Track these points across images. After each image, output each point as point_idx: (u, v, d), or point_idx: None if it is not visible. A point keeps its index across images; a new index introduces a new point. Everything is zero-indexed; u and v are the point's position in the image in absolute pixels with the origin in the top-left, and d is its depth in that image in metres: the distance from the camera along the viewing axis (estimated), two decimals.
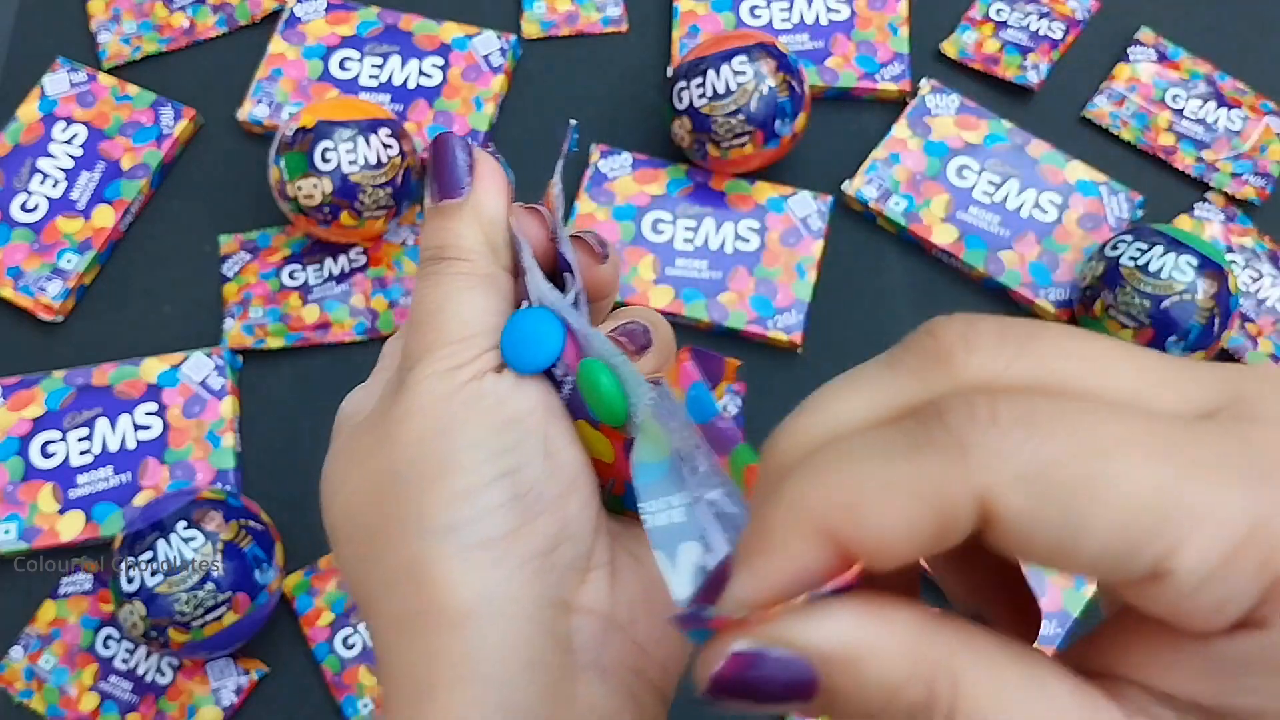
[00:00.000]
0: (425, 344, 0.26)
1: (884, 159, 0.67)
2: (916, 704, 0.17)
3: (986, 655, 0.17)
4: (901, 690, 0.17)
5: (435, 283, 0.27)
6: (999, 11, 0.72)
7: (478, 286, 0.26)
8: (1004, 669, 0.17)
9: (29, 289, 0.65)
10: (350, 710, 0.56)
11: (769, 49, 0.63)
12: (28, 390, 0.62)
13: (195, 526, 0.53)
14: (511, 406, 0.25)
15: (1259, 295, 0.64)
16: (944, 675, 0.17)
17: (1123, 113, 0.69)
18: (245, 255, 0.66)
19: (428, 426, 0.25)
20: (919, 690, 0.17)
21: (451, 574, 0.23)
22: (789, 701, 0.17)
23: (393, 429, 0.25)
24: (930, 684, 0.17)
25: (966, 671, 0.17)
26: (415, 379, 0.25)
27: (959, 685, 0.17)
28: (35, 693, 0.56)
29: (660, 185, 0.67)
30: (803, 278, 0.64)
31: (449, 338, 0.26)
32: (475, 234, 0.27)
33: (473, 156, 0.27)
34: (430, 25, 0.71)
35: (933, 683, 0.17)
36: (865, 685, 0.17)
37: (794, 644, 0.17)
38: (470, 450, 0.24)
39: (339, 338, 0.64)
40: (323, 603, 0.58)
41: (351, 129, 0.61)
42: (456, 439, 0.24)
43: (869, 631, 0.17)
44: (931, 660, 0.17)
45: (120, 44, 0.72)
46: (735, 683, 0.17)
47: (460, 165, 0.27)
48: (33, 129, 0.69)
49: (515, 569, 0.24)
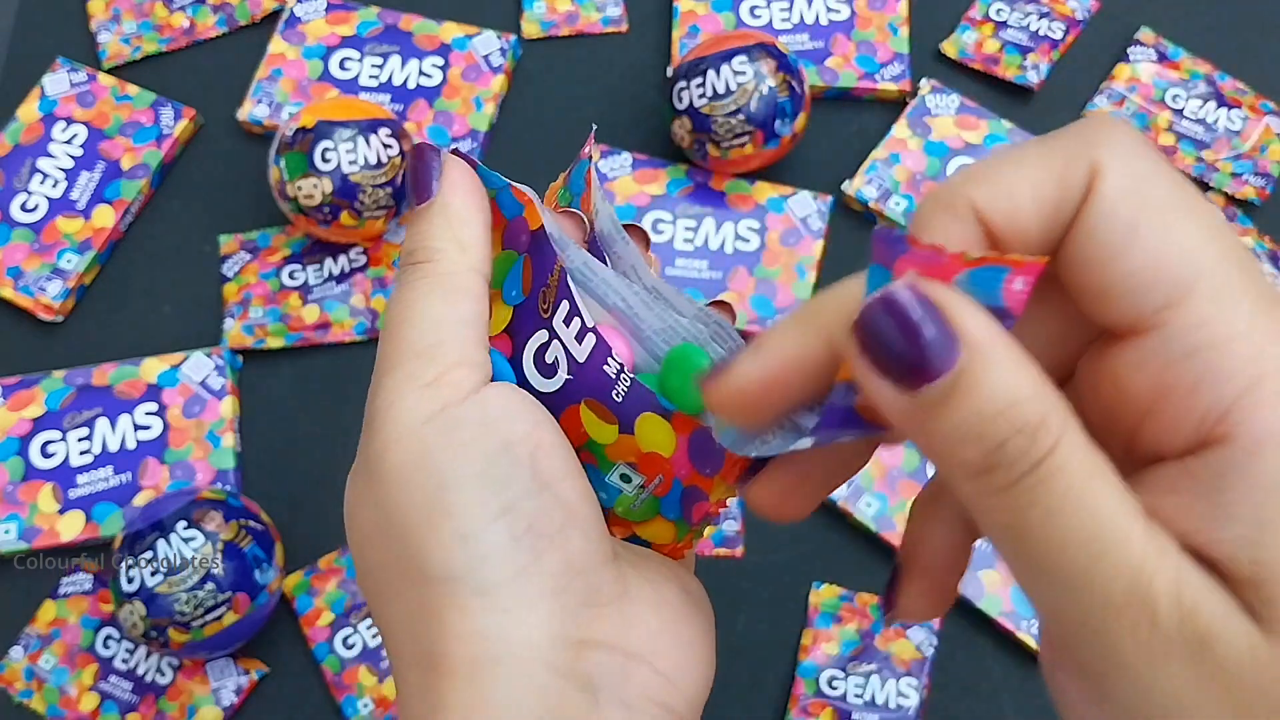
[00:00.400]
0: (391, 360, 0.25)
1: (884, 159, 0.67)
2: (1029, 424, 0.17)
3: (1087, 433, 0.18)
4: (1021, 406, 0.17)
5: (402, 289, 0.26)
6: (999, 11, 0.72)
7: (438, 287, 0.25)
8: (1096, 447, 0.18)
9: (29, 289, 0.65)
10: (350, 710, 0.56)
11: (769, 49, 0.63)
12: (28, 390, 0.62)
13: (195, 526, 0.53)
14: (495, 436, 0.24)
15: None
16: (1058, 417, 0.18)
17: (1123, 113, 0.69)
18: (245, 255, 0.66)
19: (407, 462, 0.23)
20: (1035, 413, 0.17)
21: (459, 624, 0.23)
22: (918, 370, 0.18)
23: (374, 465, 0.24)
24: (1045, 415, 0.18)
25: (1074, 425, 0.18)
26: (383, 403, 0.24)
27: (1067, 430, 0.18)
28: (35, 693, 0.56)
29: (660, 185, 0.67)
30: (803, 278, 0.64)
31: (411, 350, 0.24)
32: (443, 231, 0.26)
33: (441, 162, 0.26)
34: (430, 25, 0.71)
35: (1048, 416, 0.18)
36: (994, 385, 0.17)
37: (957, 316, 0.18)
38: (458, 490, 0.23)
39: (339, 338, 0.64)
40: (323, 603, 0.58)
41: (351, 129, 0.61)
42: (441, 477, 0.23)
43: (1016, 348, 0.18)
44: (1053, 399, 0.18)
45: (120, 44, 0.72)
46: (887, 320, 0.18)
47: (431, 170, 0.26)
48: (33, 129, 0.69)
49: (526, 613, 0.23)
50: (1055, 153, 0.19)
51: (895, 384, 0.18)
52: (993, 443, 0.17)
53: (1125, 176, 0.19)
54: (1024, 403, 0.17)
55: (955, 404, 0.18)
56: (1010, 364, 0.18)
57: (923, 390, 0.18)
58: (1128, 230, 0.18)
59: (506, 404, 0.24)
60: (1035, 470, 0.17)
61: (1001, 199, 0.19)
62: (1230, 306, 0.18)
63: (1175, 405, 0.18)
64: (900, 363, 0.18)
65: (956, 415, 0.18)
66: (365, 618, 0.58)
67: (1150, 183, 0.19)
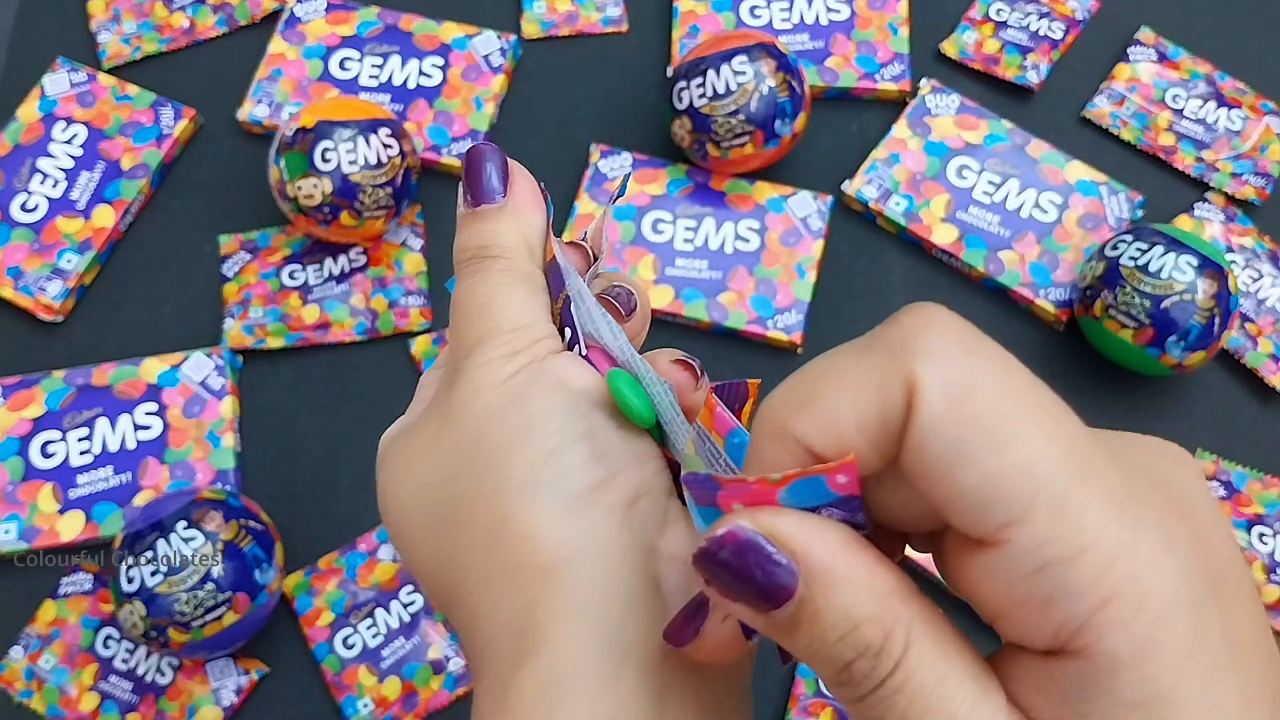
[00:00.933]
0: (478, 335, 0.26)
1: (884, 159, 0.67)
2: (870, 646, 0.18)
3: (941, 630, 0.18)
4: (861, 629, 0.18)
5: (481, 279, 0.27)
6: (999, 11, 0.72)
7: (522, 282, 0.27)
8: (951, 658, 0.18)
9: (29, 289, 0.65)
10: (350, 710, 0.56)
11: (769, 49, 0.63)
12: (28, 390, 0.62)
13: (195, 526, 0.53)
14: (577, 382, 0.26)
15: (1259, 295, 0.64)
16: (902, 631, 0.18)
17: (1123, 113, 0.69)
18: (245, 255, 0.66)
19: (496, 401, 0.25)
20: (876, 635, 0.18)
21: (542, 528, 0.24)
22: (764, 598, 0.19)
23: (458, 410, 0.26)
24: (888, 634, 0.18)
25: (922, 635, 0.18)
26: (474, 364, 0.26)
27: (911, 645, 0.18)
28: (35, 693, 0.56)
29: (660, 185, 0.67)
30: (803, 278, 0.64)
31: (502, 328, 0.26)
32: (515, 234, 0.28)
33: (507, 166, 0.28)
34: (430, 25, 0.71)
35: (891, 634, 0.18)
36: (833, 612, 0.18)
37: (789, 544, 0.18)
38: (546, 417, 0.25)
39: (339, 338, 0.64)
40: (323, 603, 0.58)
41: (351, 129, 0.61)
42: (530, 408, 0.25)
43: (854, 564, 0.18)
44: (896, 613, 0.18)
45: (120, 44, 0.72)
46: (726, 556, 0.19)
47: (496, 173, 0.28)
48: (33, 129, 0.69)
49: (602, 518, 0.24)
50: (871, 371, 0.18)
51: (748, 610, 0.19)
52: (840, 663, 0.18)
53: (941, 392, 0.17)
54: (864, 624, 0.18)
55: (802, 628, 0.18)
56: (849, 585, 0.18)
57: (771, 616, 0.19)
58: (953, 450, 0.17)
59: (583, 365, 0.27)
60: (881, 687, 0.18)
61: (822, 429, 0.19)
62: (1075, 518, 0.17)
63: (1028, 617, 0.17)
64: (746, 593, 0.19)
65: (805, 638, 0.18)
66: (365, 618, 0.58)
67: (970, 393, 0.17)
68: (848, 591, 0.18)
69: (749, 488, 0.19)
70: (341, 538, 0.60)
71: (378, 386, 0.64)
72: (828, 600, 0.18)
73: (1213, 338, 0.57)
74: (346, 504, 0.61)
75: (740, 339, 0.64)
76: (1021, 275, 0.64)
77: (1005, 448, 0.17)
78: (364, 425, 0.63)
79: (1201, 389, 0.63)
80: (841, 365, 0.19)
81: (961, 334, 0.18)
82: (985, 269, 0.64)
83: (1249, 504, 0.59)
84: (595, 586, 0.24)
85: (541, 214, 0.29)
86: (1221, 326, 0.57)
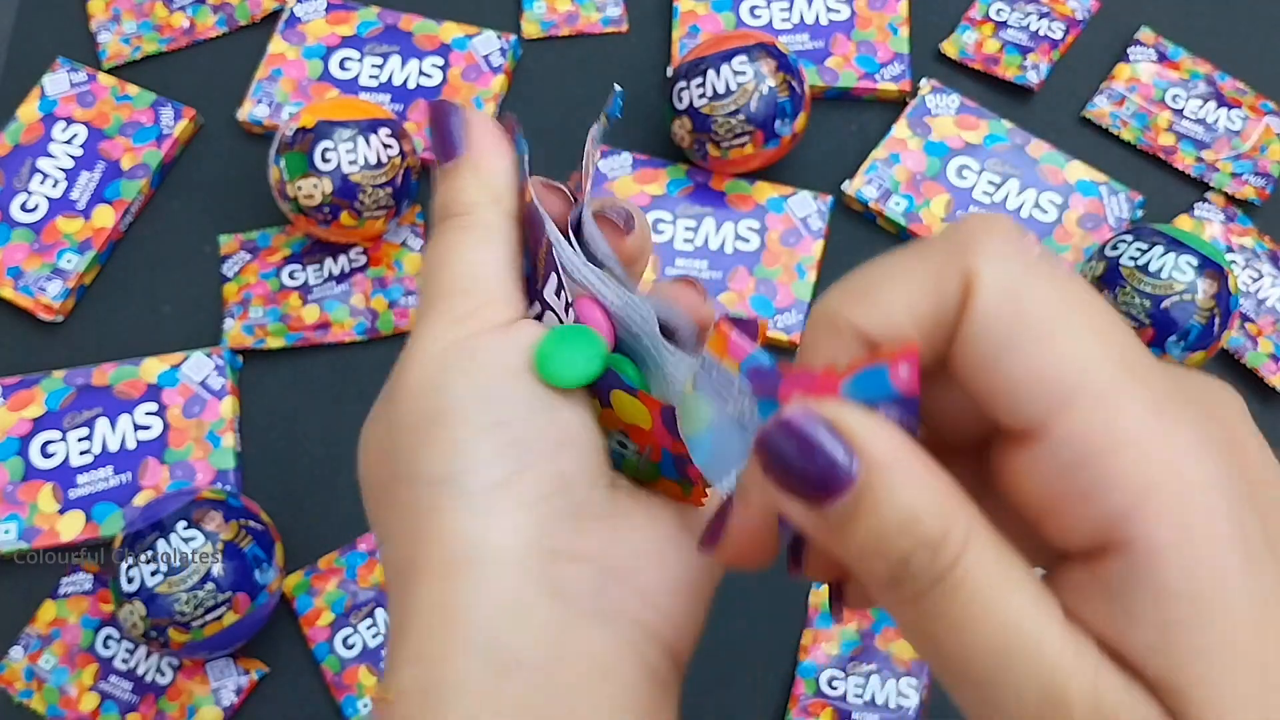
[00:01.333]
0: (430, 299, 0.26)
1: (884, 159, 0.67)
2: (930, 539, 0.18)
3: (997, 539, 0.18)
4: (921, 521, 0.18)
5: (436, 241, 0.27)
6: (999, 11, 0.72)
7: (476, 236, 0.27)
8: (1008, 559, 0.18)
9: (29, 289, 0.65)
10: (350, 710, 0.56)
11: (769, 49, 0.63)
12: (28, 390, 0.62)
13: (195, 526, 0.53)
14: (507, 361, 0.25)
15: (1259, 295, 0.64)
16: (961, 528, 0.18)
17: (1123, 113, 0.69)
18: (245, 255, 0.66)
19: (424, 380, 0.25)
20: (936, 528, 0.18)
21: (442, 524, 0.24)
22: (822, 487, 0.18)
23: (398, 385, 0.26)
24: (947, 530, 0.18)
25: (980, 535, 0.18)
26: (417, 336, 0.26)
27: (970, 542, 0.18)
28: (35, 693, 0.56)
29: (660, 185, 0.67)
30: (803, 278, 0.64)
31: (449, 290, 0.26)
32: (475, 187, 0.27)
33: (465, 118, 0.28)
34: (430, 25, 0.71)
35: (950, 529, 0.18)
36: (894, 503, 0.18)
37: (852, 434, 0.18)
38: (458, 403, 0.25)
39: (339, 338, 0.64)
40: (323, 603, 0.58)
41: (351, 129, 0.61)
42: (449, 392, 0.25)
43: (916, 461, 0.18)
44: (956, 512, 0.18)
45: (120, 44, 0.72)
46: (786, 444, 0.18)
47: (456, 127, 0.28)
48: (33, 129, 0.69)
49: (504, 516, 0.24)
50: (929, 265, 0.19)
51: (803, 502, 0.19)
52: (896, 558, 0.18)
53: (998, 286, 0.18)
54: (925, 517, 0.18)
55: (859, 520, 0.18)
56: (910, 478, 0.18)
57: (828, 507, 0.18)
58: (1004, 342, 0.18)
59: (534, 335, 0.26)
60: (939, 584, 0.18)
61: (879, 318, 0.19)
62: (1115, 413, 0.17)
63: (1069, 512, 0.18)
64: (804, 483, 0.18)
65: (861, 531, 0.18)
66: (365, 618, 0.58)
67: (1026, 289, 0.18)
68: (909, 483, 0.18)
69: (812, 376, 0.19)
70: (341, 538, 0.60)
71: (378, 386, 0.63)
72: (889, 491, 0.18)
73: (1213, 338, 0.57)
74: (346, 504, 0.61)
75: None
76: None
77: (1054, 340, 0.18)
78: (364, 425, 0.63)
79: None
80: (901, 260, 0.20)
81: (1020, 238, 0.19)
82: None
83: None
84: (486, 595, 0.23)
85: (504, 158, 0.28)
86: (1221, 326, 0.57)
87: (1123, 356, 0.18)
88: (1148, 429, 0.17)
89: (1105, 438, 0.17)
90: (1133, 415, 0.17)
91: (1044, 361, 0.18)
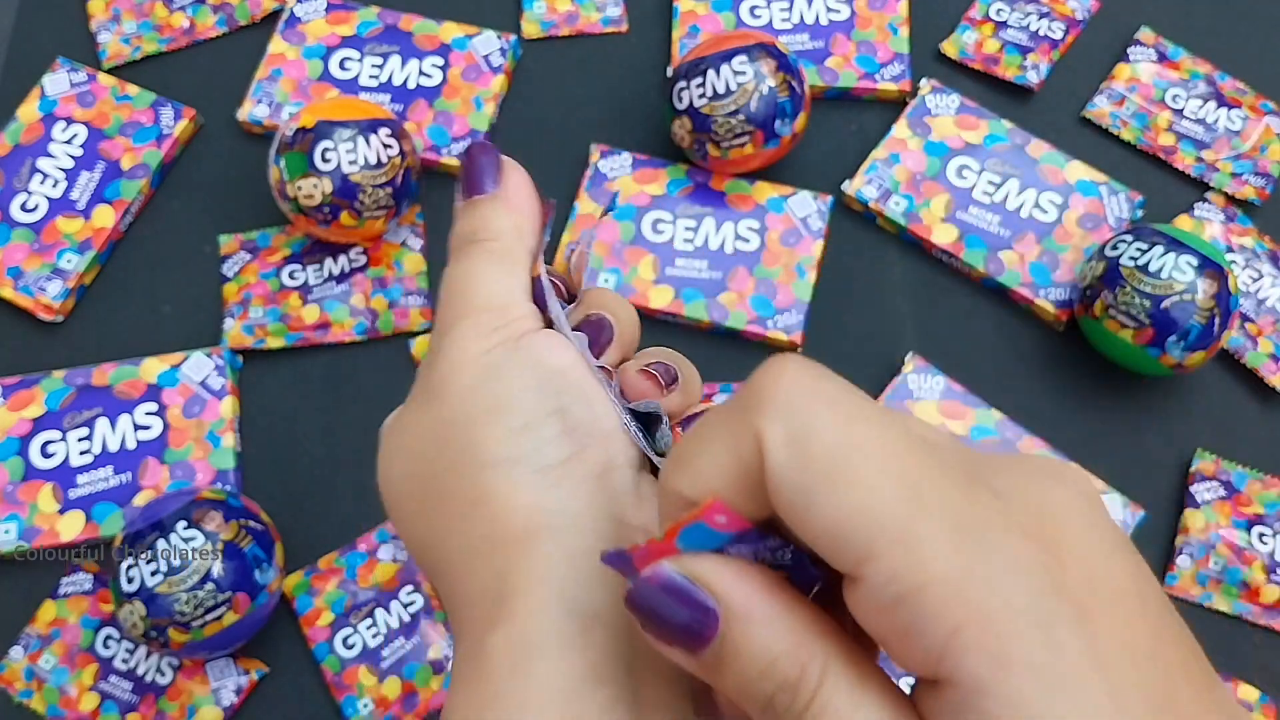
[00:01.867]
0: (457, 313, 0.28)
1: (884, 159, 0.67)
2: (787, 678, 0.19)
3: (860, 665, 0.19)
4: (778, 664, 0.19)
5: (464, 261, 0.29)
6: (999, 11, 0.72)
7: (505, 264, 0.28)
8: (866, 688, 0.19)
9: (29, 289, 0.65)
10: (350, 710, 0.56)
11: (769, 49, 0.63)
12: (28, 390, 0.62)
13: (195, 526, 0.53)
14: (552, 360, 0.27)
15: (1259, 295, 0.64)
16: (817, 666, 0.19)
17: (1123, 113, 0.69)
18: (245, 255, 0.66)
19: (475, 376, 0.26)
20: (793, 668, 0.19)
21: (515, 499, 0.25)
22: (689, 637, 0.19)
23: (438, 386, 0.27)
24: (803, 667, 0.19)
25: (836, 667, 0.19)
26: (451, 341, 0.27)
27: (825, 676, 0.19)
28: (35, 693, 0.56)
29: (660, 185, 0.67)
30: (803, 278, 0.64)
31: (480, 307, 0.27)
32: (505, 220, 0.29)
33: (500, 162, 0.30)
34: (430, 25, 0.71)
35: (806, 668, 0.19)
36: (754, 645, 0.19)
37: (708, 582, 0.19)
38: (520, 394, 0.26)
39: (339, 338, 0.64)
40: (323, 603, 0.58)
41: (351, 129, 0.61)
42: (504, 384, 0.26)
43: (770, 601, 0.19)
44: (811, 648, 0.19)
45: (120, 44, 0.72)
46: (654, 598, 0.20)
47: (490, 167, 0.29)
48: (33, 129, 0.69)
49: (572, 490, 0.25)
50: (729, 427, 0.19)
51: (679, 650, 0.20)
52: (764, 698, 0.19)
53: (784, 441, 0.18)
54: (781, 659, 0.19)
55: (726, 666, 0.19)
56: (766, 621, 0.19)
57: (700, 654, 0.20)
58: (801, 496, 0.18)
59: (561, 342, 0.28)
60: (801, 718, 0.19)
61: (697, 483, 0.20)
62: (917, 551, 0.17)
63: (899, 647, 0.18)
64: (674, 632, 0.20)
65: (730, 676, 0.19)
66: (365, 618, 0.58)
67: (811, 439, 0.18)
68: (764, 627, 0.19)
69: (649, 548, 0.20)
70: (341, 538, 0.60)
71: (378, 386, 0.64)
72: (746, 635, 0.19)
73: (1213, 338, 0.57)
74: (346, 504, 0.61)
75: (740, 339, 0.64)
76: (1021, 275, 0.64)
77: (845, 490, 0.18)
78: (364, 425, 0.63)
79: (1201, 389, 0.63)
80: (709, 426, 0.20)
81: (806, 381, 0.19)
82: (985, 269, 0.65)
83: (1249, 504, 0.59)
84: (564, 555, 0.24)
85: (534, 208, 0.30)
86: (1221, 326, 0.57)
87: (915, 489, 0.18)
88: (952, 563, 0.17)
89: (911, 578, 0.17)
90: (934, 554, 0.17)
91: (839, 512, 0.18)
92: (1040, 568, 0.18)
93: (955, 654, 0.17)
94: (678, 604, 0.20)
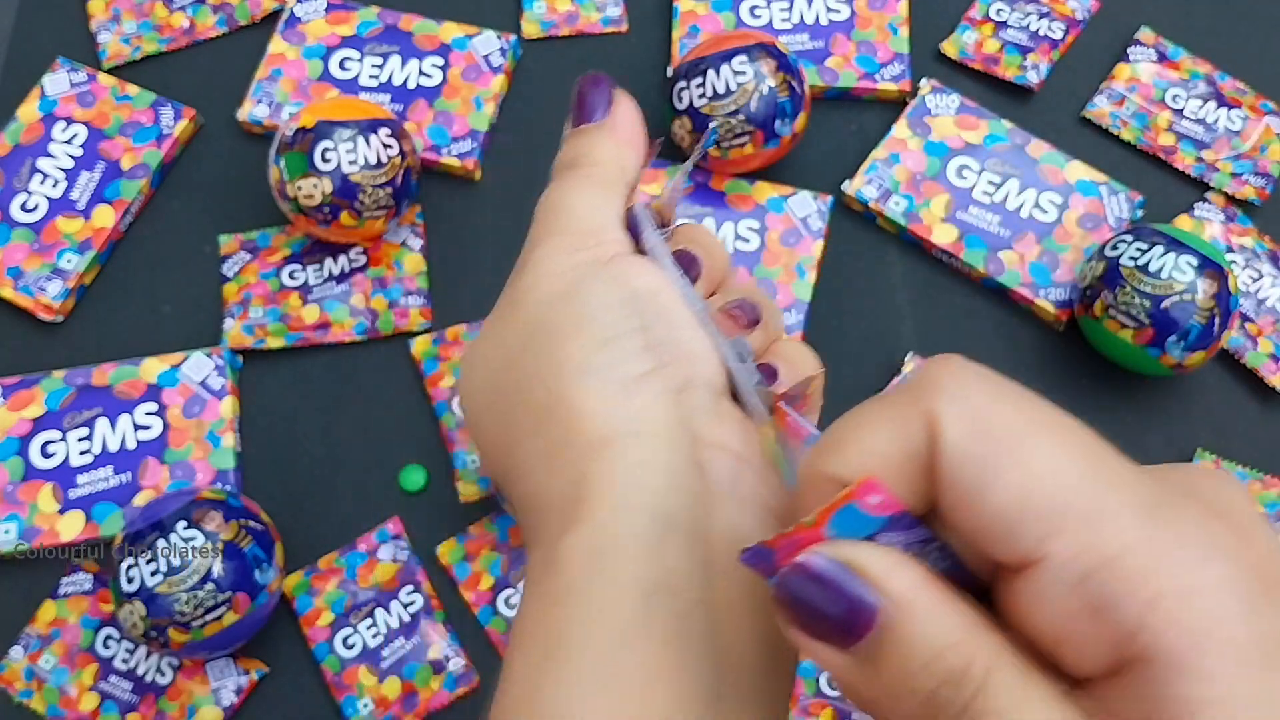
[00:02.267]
0: (548, 229, 0.28)
1: (884, 159, 0.67)
2: (953, 671, 0.18)
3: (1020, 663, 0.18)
4: (945, 656, 0.18)
5: (561, 184, 0.29)
6: (999, 11, 0.72)
7: (604, 190, 0.29)
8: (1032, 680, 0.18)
9: (29, 289, 0.65)
10: (350, 710, 0.56)
11: (769, 49, 0.63)
12: (28, 390, 0.62)
13: (195, 526, 0.53)
14: (638, 282, 0.27)
15: (1259, 295, 0.64)
16: (983, 659, 0.18)
17: (1123, 113, 0.69)
18: (245, 255, 0.66)
19: (557, 290, 0.27)
20: (960, 661, 0.18)
21: (593, 406, 0.25)
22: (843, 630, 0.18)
23: (521, 296, 0.27)
24: (970, 660, 0.18)
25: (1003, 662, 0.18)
26: (538, 256, 0.27)
27: (992, 672, 0.18)
28: (35, 693, 0.56)
29: (660, 185, 0.67)
30: (803, 278, 0.64)
31: (569, 228, 0.28)
32: (608, 149, 0.29)
33: (613, 94, 0.30)
34: (430, 25, 0.71)
35: (972, 661, 0.18)
36: (918, 637, 0.18)
37: (869, 573, 0.18)
38: (603, 308, 0.26)
39: (339, 338, 0.64)
40: (323, 603, 0.58)
41: (351, 129, 0.61)
42: (588, 298, 0.27)
43: (937, 593, 0.18)
44: (978, 642, 0.18)
45: (120, 44, 0.72)
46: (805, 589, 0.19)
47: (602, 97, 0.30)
48: (33, 129, 0.69)
49: (651, 400, 0.26)
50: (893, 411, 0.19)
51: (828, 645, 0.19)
52: (925, 693, 0.18)
53: (962, 421, 0.18)
54: (947, 651, 0.18)
55: (885, 658, 0.18)
56: (930, 612, 0.18)
57: (854, 648, 0.19)
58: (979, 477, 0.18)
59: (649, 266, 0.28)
60: (965, 715, 0.18)
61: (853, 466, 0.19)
62: (1109, 524, 0.17)
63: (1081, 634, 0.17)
64: (828, 625, 0.19)
65: (888, 669, 0.18)
66: (365, 618, 0.58)
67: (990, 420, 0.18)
68: (931, 618, 0.18)
69: (794, 537, 0.19)
70: (341, 538, 0.60)
71: (378, 386, 0.64)
72: (912, 626, 0.18)
73: (1213, 338, 0.57)
74: (346, 504, 0.61)
75: None
76: (1021, 275, 0.64)
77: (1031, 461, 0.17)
78: (364, 425, 0.63)
79: (1201, 389, 0.63)
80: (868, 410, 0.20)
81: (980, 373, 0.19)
82: (985, 269, 0.65)
83: None
84: (641, 461, 0.25)
85: (639, 140, 0.30)
86: (1221, 326, 0.57)
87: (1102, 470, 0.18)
88: (1144, 537, 0.17)
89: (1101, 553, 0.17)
90: (1125, 526, 0.17)
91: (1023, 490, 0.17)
92: (1233, 547, 0.17)
93: (1150, 628, 0.16)
94: (831, 595, 0.18)
